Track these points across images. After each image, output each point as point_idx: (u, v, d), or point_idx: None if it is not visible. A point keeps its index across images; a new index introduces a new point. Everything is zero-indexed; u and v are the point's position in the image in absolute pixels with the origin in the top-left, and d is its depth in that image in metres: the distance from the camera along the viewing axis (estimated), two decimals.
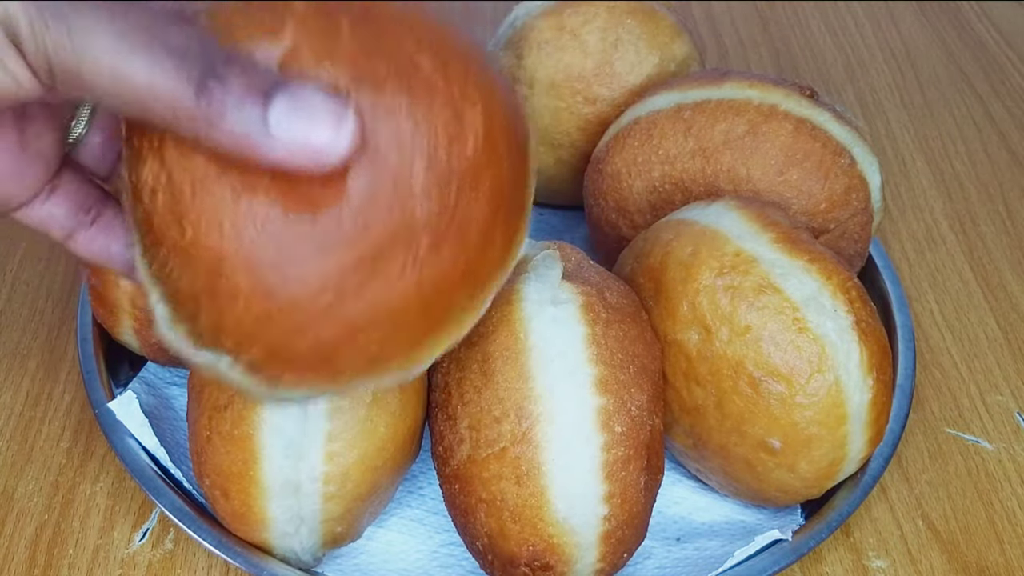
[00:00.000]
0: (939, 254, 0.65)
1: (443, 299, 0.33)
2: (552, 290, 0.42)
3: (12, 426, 0.52)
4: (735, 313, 0.43)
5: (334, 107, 0.30)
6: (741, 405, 0.43)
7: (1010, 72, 0.80)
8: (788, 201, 0.50)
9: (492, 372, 0.40)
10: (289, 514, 0.42)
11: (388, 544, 0.48)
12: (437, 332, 0.34)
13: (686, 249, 0.45)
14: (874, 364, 0.43)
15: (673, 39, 0.58)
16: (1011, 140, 0.73)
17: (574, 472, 0.39)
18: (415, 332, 0.33)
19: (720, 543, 0.47)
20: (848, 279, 0.44)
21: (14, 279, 0.59)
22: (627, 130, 0.53)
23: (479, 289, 0.34)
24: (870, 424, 0.44)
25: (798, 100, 0.51)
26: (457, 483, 0.41)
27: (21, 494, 0.49)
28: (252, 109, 0.29)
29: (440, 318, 0.34)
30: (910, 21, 0.86)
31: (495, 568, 0.42)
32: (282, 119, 0.29)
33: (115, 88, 0.29)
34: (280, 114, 0.29)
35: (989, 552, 0.49)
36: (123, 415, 0.48)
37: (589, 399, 0.40)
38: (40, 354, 0.55)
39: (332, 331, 0.32)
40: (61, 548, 0.47)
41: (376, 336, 0.32)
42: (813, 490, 0.46)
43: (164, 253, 0.32)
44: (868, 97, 0.77)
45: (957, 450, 0.53)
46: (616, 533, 0.40)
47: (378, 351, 0.33)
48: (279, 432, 0.40)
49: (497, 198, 0.34)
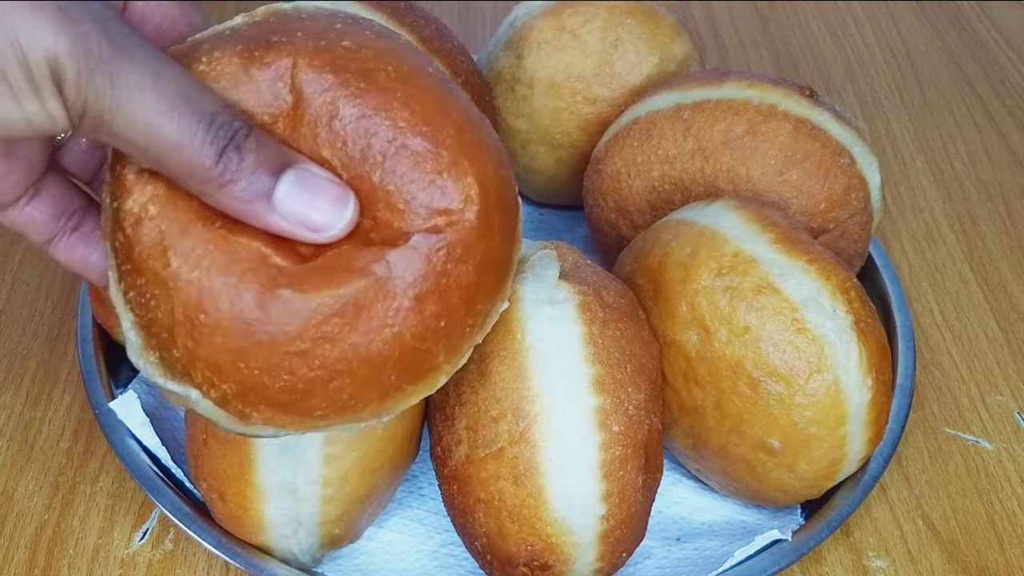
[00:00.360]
0: (939, 254, 0.65)
1: (419, 355, 0.34)
2: (549, 290, 0.42)
3: (12, 426, 0.52)
4: (734, 313, 0.43)
5: (337, 193, 0.33)
6: (740, 405, 0.43)
7: (1010, 72, 0.80)
8: (787, 201, 0.50)
9: (489, 372, 0.40)
10: (286, 516, 0.42)
11: (388, 544, 0.48)
12: (411, 385, 0.34)
13: (685, 249, 0.45)
14: (873, 364, 0.43)
15: (673, 39, 0.58)
16: (1011, 140, 0.73)
17: (572, 471, 0.39)
18: (388, 384, 0.34)
19: (720, 543, 0.47)
20: (847, 279, 0.44)
21: (14, 279, 0.59)
22: (627, 130, 0.53)
23: (455, 349, 0.35)
24: (870, 424, 0.44)
25: (798, 100, 0.51)
26: (455, 483, 0.41)
27: (21, 494, 0.49)
28: (261, 181, 0.31)
29: (415, 372, 0.34)
30: (910, 21, 0.86)
31: (494, 568, 0.42)
32: (288, 195, 0.32)
33: (143, 143, 0.30)
34: (286, 189, 0.32)
35: (989, 552, 0.49)
36: (125, 415, 0.48)
37: (586, 398, 0.40)
38: (40, 354, 0.55)
39: (306, 374, 0.32)
40: (61, 548, 0.47)
41: (349, 384, 0.33)
42: (813, 490, 0.46)
43: (142, 282, 0.32)
44: (868, 97, 0.77)
45: (957, 450, 0.53)
46: (615, 532, 0.40)
47: (350, 398, 0.33)
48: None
49: (484, 268, 0.34)
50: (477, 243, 0.34)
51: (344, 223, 0.33)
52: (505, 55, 0.59)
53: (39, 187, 0.37)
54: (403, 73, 0.34)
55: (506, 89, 0.59)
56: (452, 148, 0.33)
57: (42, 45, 0.28)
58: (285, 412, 0.33)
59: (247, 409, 0.33)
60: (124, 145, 0.31)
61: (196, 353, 0.32)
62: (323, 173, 0.33)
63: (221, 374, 0.32)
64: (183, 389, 0.33)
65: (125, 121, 0.30)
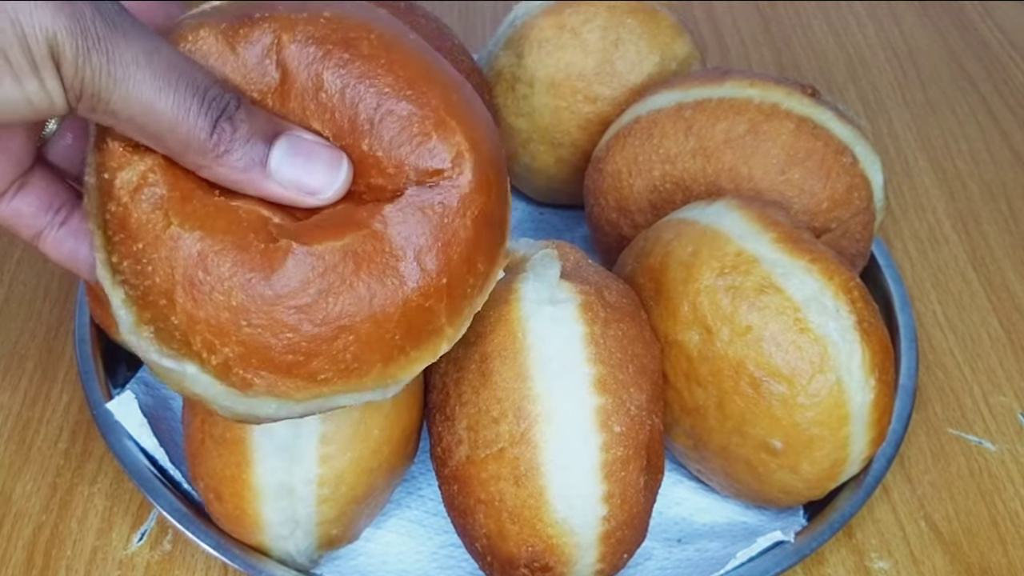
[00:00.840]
0: (942, 254, 0.64)
1: (422, 314, 0.34)
2: (550, 289, 0.42)
3: (10, 427, 0.52)
4: (736, 313, 0.43)
5: (330, 155, 0.34)
6: (742, 406, 0.43)
7: (1013, 71, 0.80)
8: (790, 200, 0.49)
9: (490, 372, 0.40)
10: (283, 517, 0.41)
11: (387, 545, 0.48)
12: (414, 348, 0.34)
13: (687, 249, 0.45)
14: (876, 364, 0.43)
15: (674, 38, 0.58)
16: (1014, 139, 0.73)
17: (573, 472, 0.39)
18: (392, 345, 0.34)
19: (722, 544, 0.47)
20: (850, 279, 0.44)
21: (12, 279, 0.59)
22: (628, 129, 0.53)
23: (457, 312, 0.35)
24: (872, 425, 0.44)
25: (800, 99, 0.51)
26: (456, 484, 0.41)
27: (19, 495, 0.49)
28: (256, 150, 0.32)
29: (418, 333, 0.34)
30: (912, 20, 0.85)
31: (494, 569, 0.41)
32: (282, 162, 0.33)
33: (140, 119, 0.31)
34: (280, 157, 0.33)
35: (992, 553, 0.49)
36: (122, 415, 0.47)
37: (588, 399, 0.40)
38: (38, 355, 0.55)
39: (309, 331, 0.32)
40: (59, 549, 0.47)
41: (353, 342, 0.33)
42: (815, 491, 0.45)
43: (139, 248, 0.32)
44: (870, 96, 0.77)
45: (960, 451, 0.53)
46: (616, 533, 0.40)
47: (353, 360, 0.33)
48: (272, 435, 0.40)
49: (482, 224, 0.35)
50: (473, 198, 0.34)
51: (339, 184, 0.33)
52: (505, 54, 0.59)
53: (25, 181, 0.37)
54: (385, 40, 0.34)
55: (506, 88, 0.59)
56: (438, 109, 0.34)
57: (41, 24, 0.29)
58: (288, 376, 0.33)
59: (249, 375, 0.33)
60: (120, 123, 0.31)
61: (196, 316, 0.32)
62: (315, 138, 0.34)
63: (223, 335, 0.32)
64: (179, 364, 0.33)
65: (122, 98, 0.30)
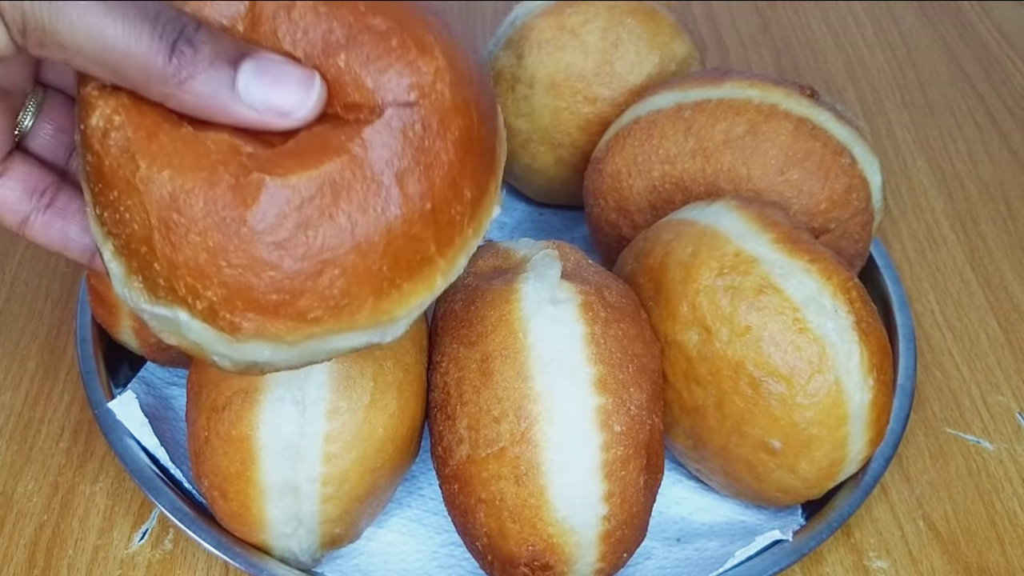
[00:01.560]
0: (940, 254, 0.65)
1: (409, 242, 0.32)
2: (551, 289, 0.42)
3: (11, 426, 0.52)
4: (735, 313, 0.43)
5: (300, 74, 0.32)
6: (741, 405, 0.43)
7: (1011, 72, 0.80)
8: (788, 201, 0.49)
9: (491, 372, 0.40)
10: (287, 515, 0.41)
11: (388, 544, 0.48)
12: (406, 281, 0.33)
13: (686, 249, 0.45)
14: (875, 364, 0.43)
15: (673, 39, 0.58)
16: (1012, 140, 0.73)
17: (573, 472, 0.39)
18: (381, 277, 0.32)
19: (721, 543, 0.47)
20: (849, 279, 0.44)
21: (13, 279, 0.59)
22: (627, 130, 0.53)
23: (447, 241, 0.33)
24: (871, 424, 0.44)
25: (798, 99, 0.51)
26: (456, 483, 0.41)
27: (20, 495, 0.49)
28: (221, 72, 0.31)
29: (407, 264, 0.33)
30: (911, 20, 0.85)
31: (495, 568, 0.42)
32: (250, 83, 0.31)
33: (90, 49, 0.30)
34: (248, 78, 0.31)
35: (990, 553, 0.49)
36: (123, 415, 0.48)
37: (588, 398, 0.40)
38: (39, 354, 0.55)
39: (291, 267, 0.31)
40: (60, 549, 0.47)
41: (339, 276, 0.31)
42: (814, 490, 0.46)
43: (115, 196, 0.31)
44: (869, 96, 0.77)
45: (958, 450, 0.53)
46: (616, 533, 0.40)
47: (342, 295, 0.32)
48: (277, 433, 0.40)
49: (465, 147, 0.33)
50: (452, 118, 0.33)
51: (312, 102, 0.32)
52: (505, 55, 0.59)
53: (5, 167, 0.36)
54: None
55: (506, 89, 0.59)
56: (416, 26, 0.33)
57: None
58: (276, 317, 0.31)
59: (236, 319, 0.31)
60: (73, 57, 0.30)
61: (176, 260, 0.31)
62: (283, 59, 0.32)
63: (203, 278, 0.31)
64: (171, 312, 0.32)
65: (67, 28, 0.29)
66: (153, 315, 0.33)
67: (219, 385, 0.41)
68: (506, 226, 0.65)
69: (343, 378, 0.40)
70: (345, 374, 0.40)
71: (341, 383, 0.40)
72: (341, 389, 0.40)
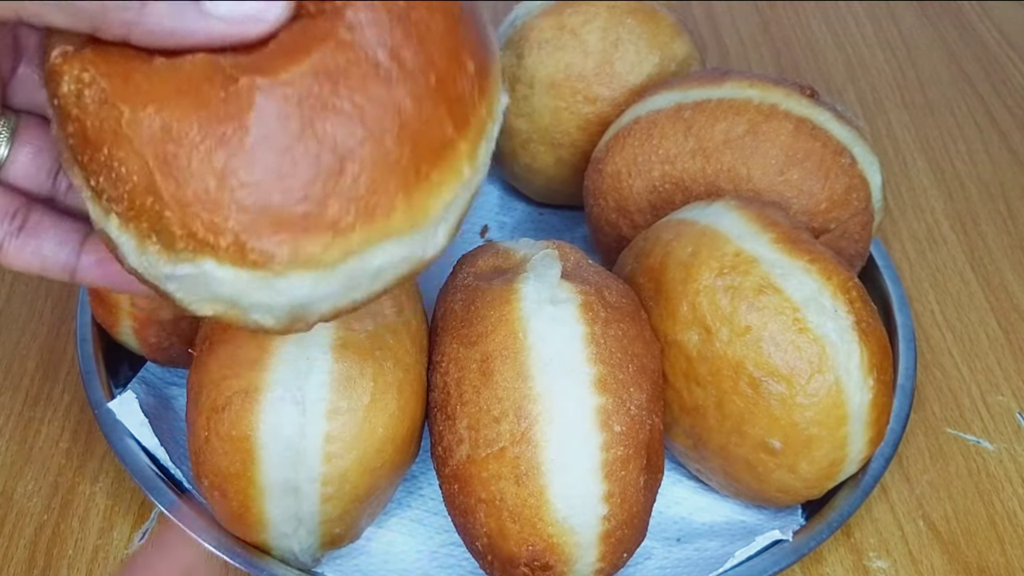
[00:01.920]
0: (940, 254, 0.65)
1: (424, 123, 0.30)
2: (551, 289, 0.42)
3: (11, 426, 0.52)
4: (735, 313, 0.43)
5: None
6: (741, 405, 0.43)
7: (1011, 72, 0.80)
8: (788, 201, 0.49)
9: (491, 372, 0.40)
10: (287, 515, 0.41)
11: (388, 544, 0.48)
12: (432, 168, 0.31)
13: (686, 249, 0.45)
14: (875, 364, 0.43)
15: (673, 39, 0.58)
16: (1012, 140, 0.73)
17: (573, 472, 0.39)
18: (405, 167, 0.30)
19: (721, 543, 0.47)
20: (849, 279, 0.44)
21: (14, 279, 0.59)
22: (627, 130, 0.53)
23: (463, 120, 0.31)
24: (871, 424, 0.44)
25: (798, 100, 0.51)
26: (456, 483, 0.41)
27: (20, 494, 0.49)
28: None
29: (429, 148, 0.31)
30: (911, 20, 0.85)
31: (495, 568, 0.42)
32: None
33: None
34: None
35: (990, 553, 0.49)
36: (123, 415, 0.48)
37: (588, 398, 0.40)
38: (39, 354, 0.55)
39: (308, 170, 0.29)
40: (60, 548, 0.47)
41: (361, 171, 0.29)
42: (814, 490, 0.46)
43: (107, 153, 0.30)
44: (869, 96, 0.77)
45: (958, 450, 0.53)
46: (616, 533, 0.40)
47: (370, 193, 0.30)
48: (277, 433, 0.40)
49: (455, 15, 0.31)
50: None
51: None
52: (505, 55, 0.59)
53: None
54: None
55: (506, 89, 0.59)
56: None
57: None
58: (307, 233, 0.29)
59: (267, 247, 0.29)
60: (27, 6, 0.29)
61: (185, 196, 0.29)
62: None
63: (219, 208, 0.29)
64: (196, 267, 0.30)
65: None
66: (179, 280, 0.30)
67: (219, 385, 0.41)
68: (506, 226, 0.65)
69: (343, 378, 0.40)
70: (345, 374, 0.40)
71: (341, 383, 0.40)
72: (341, 389, 0.40)
